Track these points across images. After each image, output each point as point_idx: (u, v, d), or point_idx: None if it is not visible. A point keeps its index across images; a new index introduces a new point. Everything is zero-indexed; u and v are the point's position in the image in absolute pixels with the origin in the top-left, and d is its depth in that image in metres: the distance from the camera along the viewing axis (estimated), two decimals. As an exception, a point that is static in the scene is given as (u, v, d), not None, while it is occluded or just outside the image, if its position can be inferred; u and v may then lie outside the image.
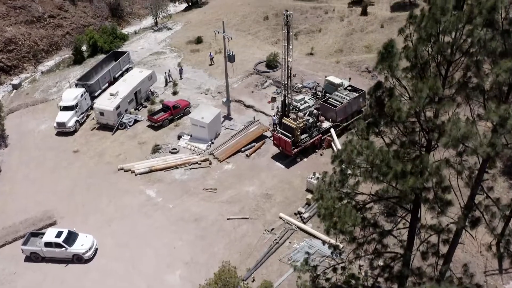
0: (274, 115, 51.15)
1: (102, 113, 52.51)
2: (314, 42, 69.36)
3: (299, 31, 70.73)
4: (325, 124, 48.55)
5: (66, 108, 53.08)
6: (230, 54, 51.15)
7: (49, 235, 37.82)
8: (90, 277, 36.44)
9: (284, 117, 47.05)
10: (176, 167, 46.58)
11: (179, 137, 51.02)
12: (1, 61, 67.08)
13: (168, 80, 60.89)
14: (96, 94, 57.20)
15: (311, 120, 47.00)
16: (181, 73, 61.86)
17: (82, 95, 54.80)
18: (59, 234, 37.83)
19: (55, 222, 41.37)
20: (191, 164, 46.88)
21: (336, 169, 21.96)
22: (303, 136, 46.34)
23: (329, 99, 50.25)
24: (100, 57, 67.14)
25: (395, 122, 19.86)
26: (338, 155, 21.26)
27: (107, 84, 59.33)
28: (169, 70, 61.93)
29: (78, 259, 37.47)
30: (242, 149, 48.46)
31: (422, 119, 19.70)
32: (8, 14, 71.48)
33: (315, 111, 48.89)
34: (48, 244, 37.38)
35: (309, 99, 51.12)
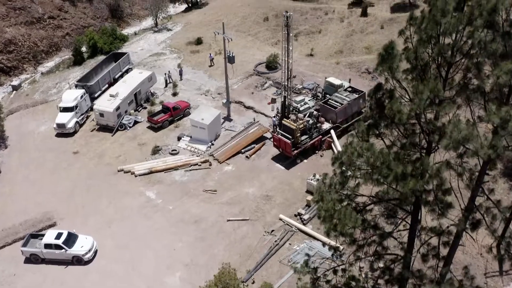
0: (274, 116, 51.10)
1: (102, 114, 52.48)
2: (314, 43, 69.35)
3: (299, 32, 70.72)
4: (325, 125, 48.51)
5: (66, 109, 53.07)
6: (230, 55, 51.11)
7: (49, 237, 37.80)
8: (90, 279, 36.40)
9: (284, 118, 47.00)
10: (176, 168, 46.53)
11: (179, 138, 50.98)
12: (1, 62, 67.08)
13: (168, 81, 60.87)
14: (96, 95, 57.20)
15: (311, 121, 46.96)
16: (181, 74, 61.83)
17: (82, 96, 54.79)
18: (58, 236, 37.80)
19: (55, 224, 41.35)
20: (191, 165, 46.84)
21: (337, 171, 21.90)
22: (303, 138, 46.30)
23: (329, 100, 50.21)
24: (100, 58, 67.14)
25: (395, 124, 19.81)
26: (338, 157, 21.19)
27: (107, 85, 59.32)
28: (169, 71, 61.90)
29: (78, 260, 37.43)
30: (242, 150, 48.42)
31: (422, 121, 19.65)
32: (8, 15, 71.47)
33: (315, 112, 48.82)
34: (48, 246, 37.35)
35: (309, 100, 51.06)
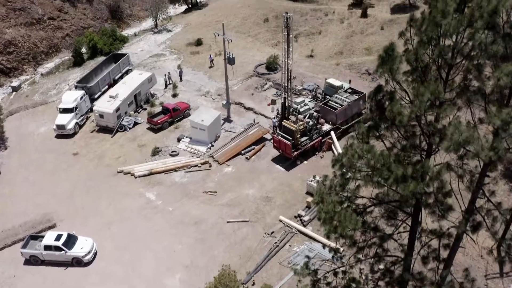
0: (274, 118, 51.04)
1: (101, 116, 52.42)
2: (314, 44, 69.31)
3: (299, 33, 70.70)
4: (325, 127, 48.46)
5: (65, 111, 53.05)
6: (230, 56, 51.05)
7: (49, 238, 37.75)
8: (90, 280, 36.35)
9: (284, 120, 46.95)
10: (176, 169, 46.47)
11: (179, 139, 50.93)
12: (0, 63, 67.06)
13: (168, 83, 60.83)
14: (95, 96, 57.14)
15: (311, 123, 46.92)
16: (181, 75, 61.80)
17: (81, 98, 54.78)
18: (58, 237, 37.76)
19: (54, 225, 41.33)
20: (191, 166, 46.79)
21: (337, 173, 21.84)
22: (303, 139, 46.24)
23: (329, 101, 50.14)
24: (100, 59, 67.09)
25: (396, 126, 19.75)
26: (339, 159, 21.13)
27: (106, 86, 59.28)
28: (168, 72, 61.86)
29: (77, 262, 37.38)
30: (242, 151, 48.36)
31: (423, 123, 19.59)
32: (7, 16, 71.44)
33: (315, 113, 48.78)
34: (47, 247, 37.31)
35: (309, 102, 51.00)
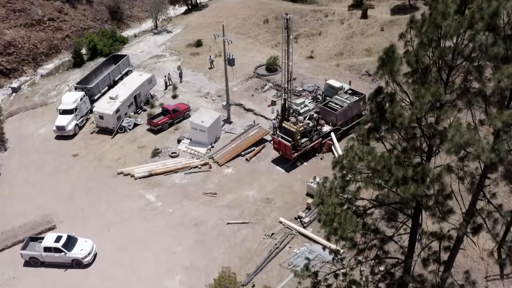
0: (274, 119, 50.96)
1: (101, 117, 52.36)
2: (314, 45, 69.28)
3: (299, 34, 70.66)
4: (325, 128, 48.40)
5: (65, 112, 53.01)
6: (230, 57, 51.02)
7: (48, 240, 37.70)
8: (90, 282, 36.28)
9: (284, 121, 46.88)
10: (175, 171, 46.42)
11: (179, 141, 50.87)
12: (0, 64, 66.97)
13: (168, 84, 60.79)
14: (95, 98, 57.10)
15: (311, 124, 46.87)
16: (180, 76, 61.77)
17: (81, 99, 54.75)
18: (58, 239, 37.70)
19: (54, 227, 41.26)
20: (191, 168, 46.73)
21: (337, 175, 21.79)
22: (303, 140, 46.20)
23: (329, 102, 50.10)
24: (100, 60, 67.03)
25: (396, 128, 19.71)
26: (339, 161, 21.09)
27: (106, 88, 59.23)
28: (168, 74, 61.82)
29: (77, 263, 37.31)
30: (242, 153, 48.31)
31: (423, 124, 19.55)
32: (7, 17, 71.40)
33: (315, 114, 48.73)
34: (47, 249, 37.26)
35: (309, 103, 50.90)
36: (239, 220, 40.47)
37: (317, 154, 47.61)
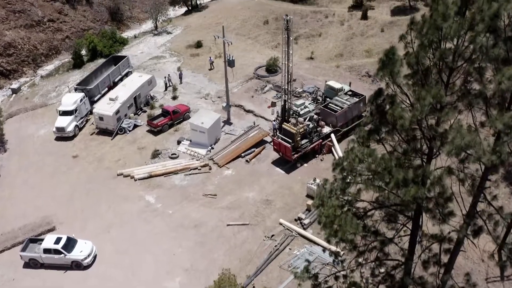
0: (274, 120, 50.89)
1: (101, 118, 52.31)
2: (314, 46, 69.24)
3: (299, 35, 70.63)
4: (326, 129, 48.34)
5: (65, 113, 52.94)
6: (230, 59, 50.97)
7: (48, 241, 37.65)
8: (89, 284, 36.22)
9: (284, 122, 46.83)
10: (175, 172, 46.35)
11: (179, 142, 50.81)
12: (0, 65, 66.92)
13: (168, 85, 60.73)
14: (95, 99, 57.03)
15: (311, 125, 46.80)
16: (180, 77, 61.72)
17: (81, 100, 54.68)
18: (58, 240, 37.65)
19: (54, 228, 41.19)
20: (191, 169, 46.66)
21: (337, 177, 21.72)
22: (303, 142, 46.14)
23: (330, 104, 50.06)
24: (100, 61, 67.04)
25: (397, 129, 19.65)
26: (339, 163, 21.03)
27: (106, 89, 59.18)
28: (168, 75, 61.77)
29: (77, 265, 37.25)
30: (242, 154, 48.24)
31: (424, 126, 19.48)
32: (7, 18, 71.36)
33: (315, 116, 48.68)
34: (47, 251, 37.20)
35: (309, 104, 50.85)
36: (239, 222, 40.40)
37: (317, 156, 47.55)
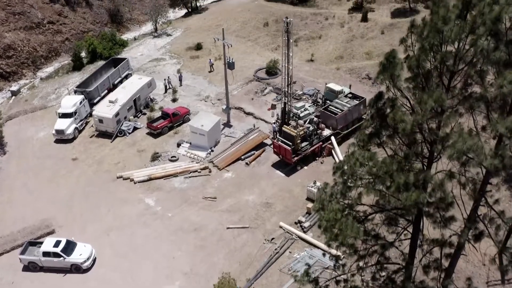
0: (274, 123, 50.84)
1: (101, 120, 52.21)
2: (314, 48, 69.15)
3: (299, 38, 70.54)
4: (326, 132, 48.23)
5: (65, 115, 52.81)
6: (230, 61, 50.88)
7: (47, 245, 37.54)
8: (89, 287, 36.10)
9: (284, 125, 46.73)
10: (175, 175, 46.23)
11: (179, 144, 50.70)
12: (0, 67, 66.85)
13: (168, 87, 60.62)
14: (95, 101, 56.95)
15: (311, 128, 46.69)
16: (180, 80, 61.59)
17: (81, 102, 54.53)
18: (57, 244, 37.54)
19: (53, 231, 41.06)
20: (191, 172, 46.54)
21: (338, 181, 21.60)
22: (303, 144, 46.01)
23: (330, 106, 49.93)
24: (100, 63, 66.90)
25: (397, 133, 19.53)
26: (340, 166, 20.92)
27: (106, 91, 59.09)
28: (168, 77, 61.66)
29: (76, 268, 37.13)
30: (242, 157, 48.13)
31: (425, 130, 19.37)
32: (7, 20, 71.24)
33: (315, 118, 48.58)
34: (46, 254, 37.10)
35: (309, 107, 50.82)
36: (239, 225, 40.27)
37: (317, 158, 47.43)
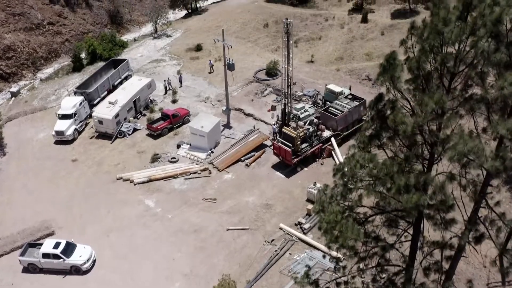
0: (274, 124, 50.78)
1: (101, 122, 52.16)
2: (314, 49, 69.12)
3: (299, 39, 70.51)
4: (326, 133, 48.18)
5: (64, 117, 52.78)
6: (230, 62, 50.81)
7: (47, 246, 37.47)
8: (88, 289, 36.10)
9: (284, 126, 46.68)
10: (175, 176, 46.17)
11: (179, 146, 50.65)
12: (0, 68, 66.83)
13: (168, 88, 60.58)
14: (95, 102, 56.91)
15: (311, 129, 46.65)
16: (180, 81, 61.54)
17: (81, 103, 54.49)
18: (57, 245, 37.47)
19: (53, 233, 41.00)
20: (191, 173, 46.49)
21: (338, 182, 21.54)
22: (303, 145, 45.95)
23: (330, 107, 49.85)
24: (99, 64, 66.84)
25: (398, 135, 19.48)
26: (340, 168, 20.86)
27: (106, 92, 59.04)
28: (168, 78, 61.62)
29: (76, 270, 37.07)
30: (242, 158, 48.07)
31: (425, 132, 19.32)
32: (7, 21, 71.24)
33: (315, 120, 48.53)
34: (46, 255, 37.04)
35: (309, 108, 50.76)
36: (239, 226, 40.21)
37: (317, 160, 47.38)
